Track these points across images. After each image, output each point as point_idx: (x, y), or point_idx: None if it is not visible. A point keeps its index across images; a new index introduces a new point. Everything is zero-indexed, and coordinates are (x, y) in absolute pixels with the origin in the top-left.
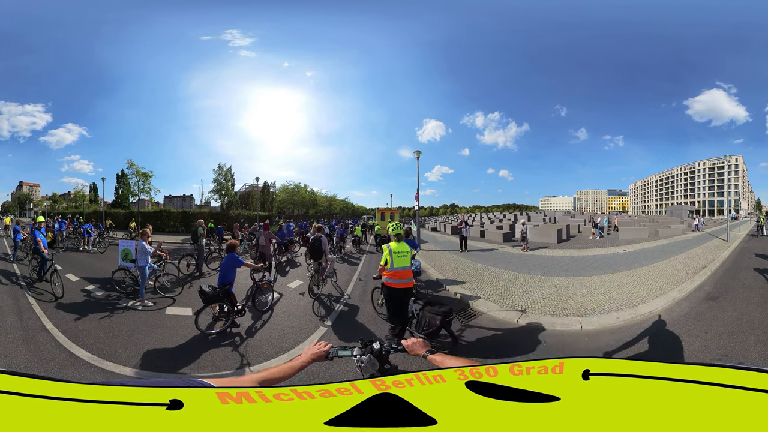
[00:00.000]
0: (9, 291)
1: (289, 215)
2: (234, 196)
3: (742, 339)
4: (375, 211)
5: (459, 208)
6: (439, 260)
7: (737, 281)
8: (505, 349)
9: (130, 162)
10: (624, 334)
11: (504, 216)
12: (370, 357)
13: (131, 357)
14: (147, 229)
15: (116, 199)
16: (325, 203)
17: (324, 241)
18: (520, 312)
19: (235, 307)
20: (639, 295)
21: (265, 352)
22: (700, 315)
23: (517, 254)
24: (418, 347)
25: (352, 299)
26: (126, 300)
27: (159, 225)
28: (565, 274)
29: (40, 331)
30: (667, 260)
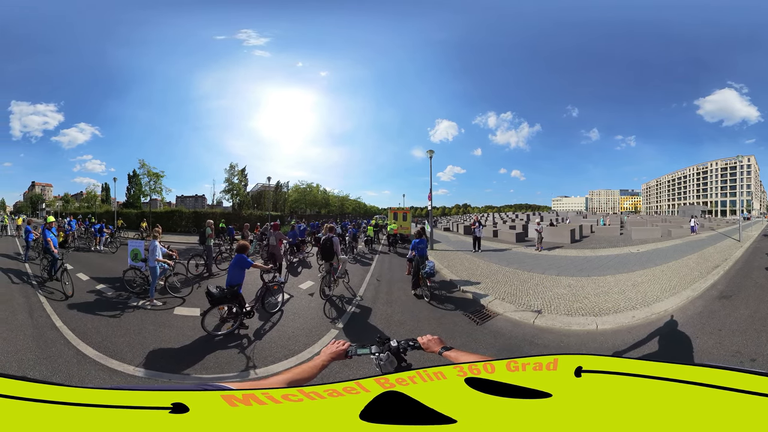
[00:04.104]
0: (21, 290)
1: (301, 215)
2: (246, 196)
3: (755, 336)
4: (387, 211)
5: (471, 208)
6: (452, 260)
7: (750, 280)
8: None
9: (142, 162)
10: (640, 332)
11: (516, 216)
12: (388, 355)
13: (136, 356)
14: (157, 229)
15: (128, 199)
16: (338, 203)
17: (335, 242)
18: (536, 312)
19: (243, 308)
20: (653, 293)
21: (273, 355)
22: (714, 313)
23: (531, 254)
24: (433, 344)
25: (364, 300)
26: (136, 299)
27: (170, 225)
28: (580, 274)
29: (50, 329)
30: (680, 260)
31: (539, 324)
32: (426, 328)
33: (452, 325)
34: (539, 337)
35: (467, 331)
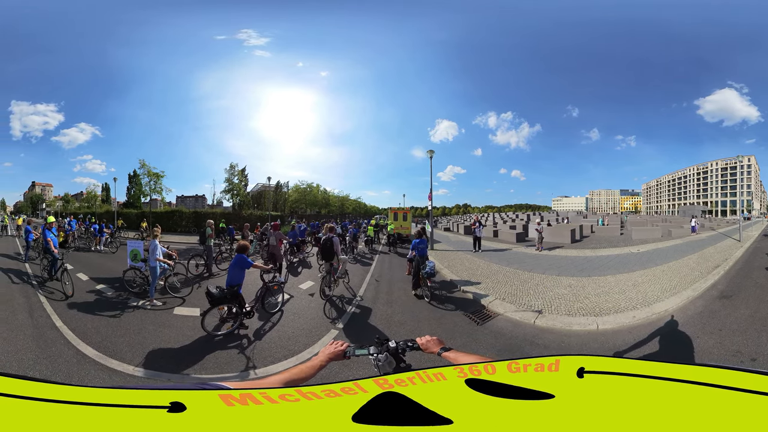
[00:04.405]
0: (21, 290)
1: (302, 215)
2: (246, 196)
3: (755, 336)
4: (387, 211)
5: (471, 208)
6: (453, 260)
7: (750, 280)
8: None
9: (142, 162)
10: (641, 332)
11: (517, 216)
12: (387, 355)
13: (136, 356)
14: (156, 229)
15: (128, 199)
16: (338, 203)
17: (336, 242)
18: (536, 312)
19: (243, 308)
20: (654, 293)
21: (273, 355)
22: (714, 313)
23: (531, 254)
24: (432, 345)
25: (364, 301)
26: (135, 299)
27: (171, 225)
28: (580, 274)
29: (50, 328)
30: (681, 260)
31: (540, 324)
32: (426, 329)
33: (452, 325)
34: (540, 337)
35: (468, 331)
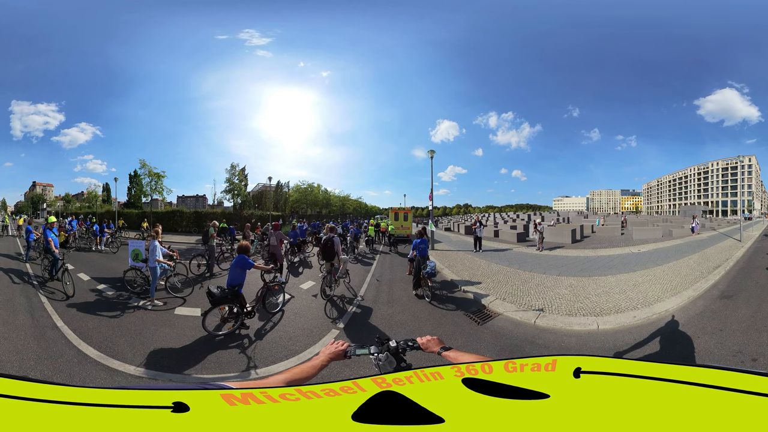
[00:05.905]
0: (22, 290)
1: (302, 215)
2: (247, 196)
3: (756, 336)
4: (388, 211)
5: (472, 207)
6: (453, 260)
7: (751, 280)
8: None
9: (143, 162)
10: (641, 332)
11: (518, 216)
12: (387, 355)
13: (137, 356)
14: (157, 229)
15: (129, 199)
16: (339, 203)
17: (336, 242)
18: (537, 312)
19: (244, 308)
20: (655, 293)
21: (274, 355)
22: (715, 313)
23: (532, 254)
24: (432, 344)
25: (365, 301)
26: (136, 299)
27: (171, 225)
28: (581, 274)
29: (51, 328)
30: (681, 260)
31: (540, 324)
32: (427, 329)
33: (453, 325)
34: (540, 337)
35: (468, 331)
